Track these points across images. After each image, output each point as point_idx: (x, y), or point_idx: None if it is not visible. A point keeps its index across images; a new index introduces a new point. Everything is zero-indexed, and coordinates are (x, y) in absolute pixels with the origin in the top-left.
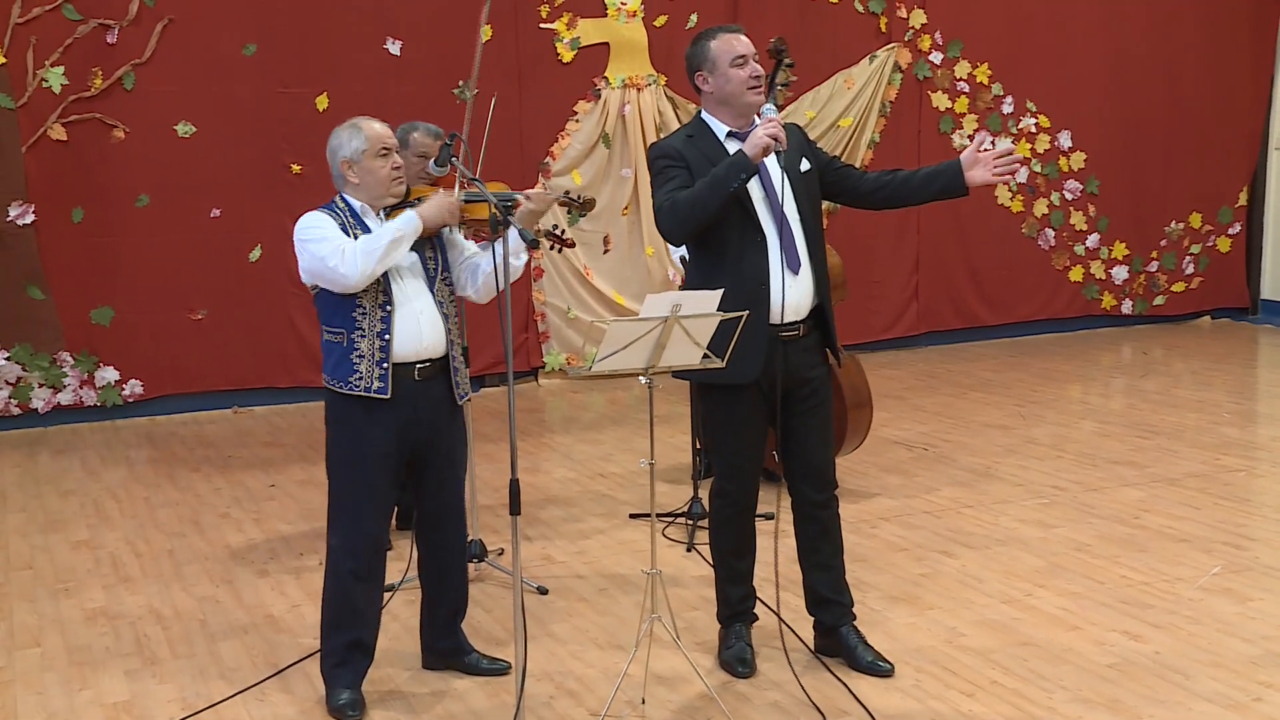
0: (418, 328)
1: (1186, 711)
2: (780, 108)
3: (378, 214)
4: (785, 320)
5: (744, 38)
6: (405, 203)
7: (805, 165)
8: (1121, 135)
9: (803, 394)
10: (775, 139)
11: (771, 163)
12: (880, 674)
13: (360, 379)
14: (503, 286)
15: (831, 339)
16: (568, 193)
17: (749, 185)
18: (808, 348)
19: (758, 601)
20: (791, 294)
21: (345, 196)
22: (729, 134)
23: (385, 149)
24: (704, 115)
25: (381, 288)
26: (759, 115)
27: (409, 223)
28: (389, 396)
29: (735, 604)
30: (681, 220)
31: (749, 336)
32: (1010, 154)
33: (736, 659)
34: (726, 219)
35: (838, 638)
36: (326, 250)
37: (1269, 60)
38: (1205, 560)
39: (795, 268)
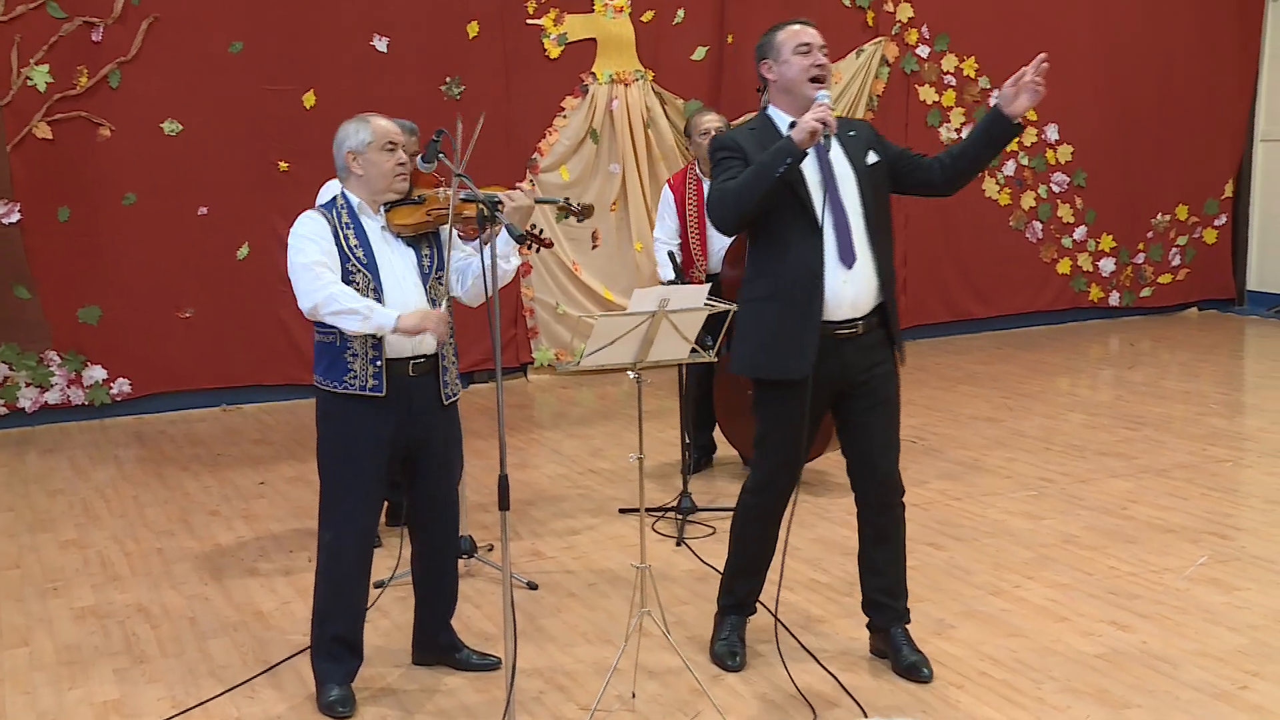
0: None
1: (1174, 701)
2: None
3: (376, 211)
4: (841, 317)
5: (812, 30)
6: (407, 199)
7: (872, 158)
8: (1108, 128)
9: (862, 394)
10: (824, 123)
11: (836, 154)
12: (918, 679)
13: (355, 377)
14: (492, 290)
15: (894, 335)
16: (567, 199)
17: (805, 175)
18: (868, 346)
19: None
20: (846, 289)
21: (346, 192)
22: (791, 124)
23: (391, 144)
24: (769, 109)
25: (373, 285)
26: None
27: (384, 318)
28: (384, 394)
29: (740, 596)
30: (729, 209)
31: (800, 331)
32: (1039, 61)
33: (728, 652)
34: (780, 209)
35: (887, 638)
36: (302, 264)
37: (1254, 53)
38: (1192, 550)
39: (849, 262)
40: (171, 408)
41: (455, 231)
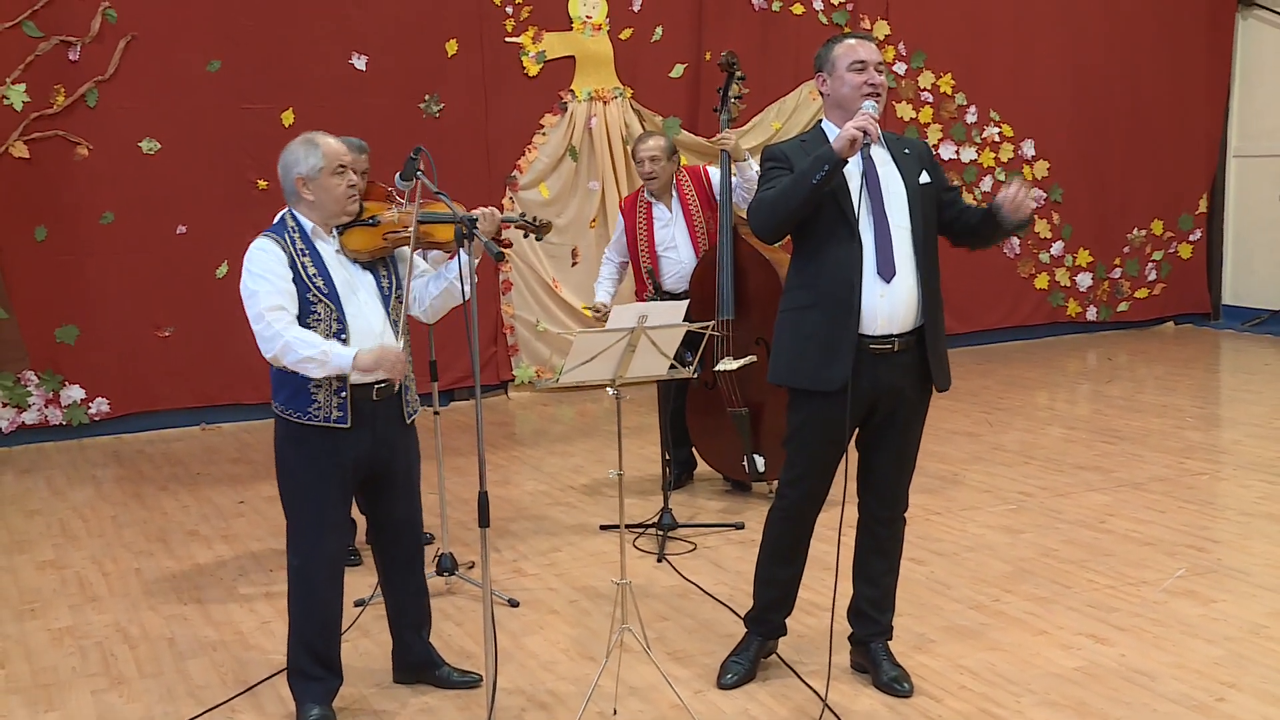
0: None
1: (1151, 713)
2: (735, 120)
3: (329, 233)
4: (877, 332)
5: (870, 45)
6: (359, 221)
7: (925, 178)
8: (1084, 143)
9: (889, 412)
10: (864, 131)
11: (887, 167)
12: (898, 694)
13: (319, 409)
14: (469, 294)
15: (927, 363)
16: (523, 214)
17: (849, 185)
18: (902, 366)
19: (783, 625)
20: (882, 303)
21: (296, 215)
22: None
23: (341, 166)
24: (823, 122)
25: (335, 315)
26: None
27: (341, 359)
28: (349, 426)
29: (762, 608)
30: (766, 217)
31: (835, 344)
32: (1017, 191)
33: (725, 668)
34: (822, 218)
35: (867, 652)
36: (256, 313)
37: (1226, 68)
38: (1169, 563)
39: (887, 276)
40: (150, 427)
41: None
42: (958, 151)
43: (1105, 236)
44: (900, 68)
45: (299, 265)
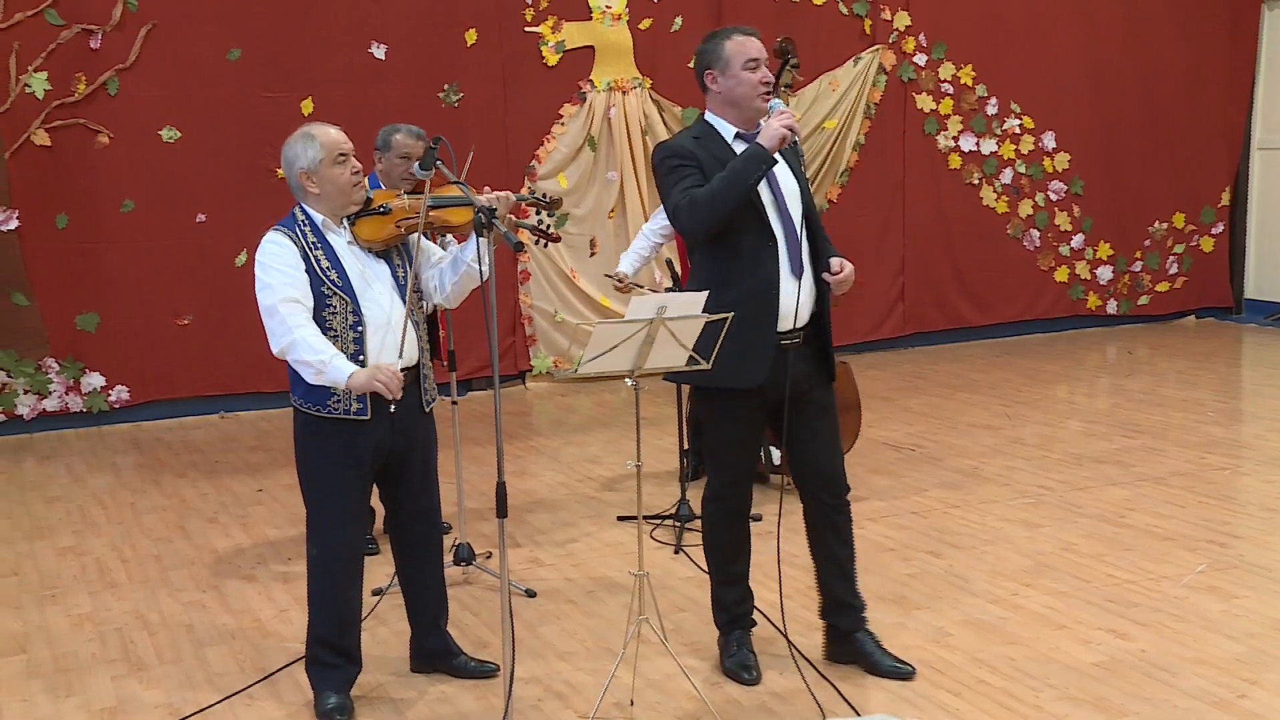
0: (393, 340)
1: (1172, 709)
2: None
3: (339, 224)
4: (787, 327)
5: (758, 41)
6: (370, 210)
7: (805, 173)
8: (1105, 136)
9: (807, 401)
10: (791, 130)
11: (780, 166)
12: (902, 676)
13: (339, 402)
14: (487, 287)
15: (823, 350)
16: (532, 191)
17: (758, 186)
18: (808, 356)
19: (754, 608)
20: (793, 301)
21: (306, 209)
22: (736, 135)
23: (342, 155)
24: (709, 117)
25: (351, 308)
26: (769, 111)
27: (337, 373)
28: (369, 417)
29: (732, 608)
30: (702, 217)
31: (755, 341)
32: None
33: (740, 666)
34: (742, 218)
35: (854, 644)
36: (269, 305)
37: (1249, 59)
38: (1190, 558)
39: (798, 273)
40: (169, 415)
41: (457, 237)
42: (978, 143)
43: (1126, 229)
44: (920, 58)
45: (312, 258)
